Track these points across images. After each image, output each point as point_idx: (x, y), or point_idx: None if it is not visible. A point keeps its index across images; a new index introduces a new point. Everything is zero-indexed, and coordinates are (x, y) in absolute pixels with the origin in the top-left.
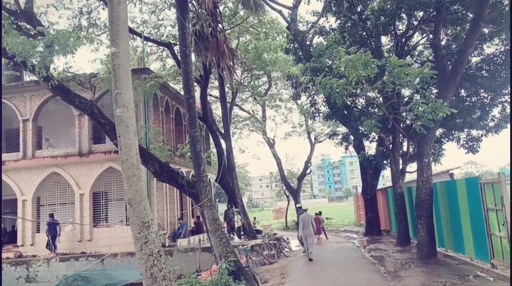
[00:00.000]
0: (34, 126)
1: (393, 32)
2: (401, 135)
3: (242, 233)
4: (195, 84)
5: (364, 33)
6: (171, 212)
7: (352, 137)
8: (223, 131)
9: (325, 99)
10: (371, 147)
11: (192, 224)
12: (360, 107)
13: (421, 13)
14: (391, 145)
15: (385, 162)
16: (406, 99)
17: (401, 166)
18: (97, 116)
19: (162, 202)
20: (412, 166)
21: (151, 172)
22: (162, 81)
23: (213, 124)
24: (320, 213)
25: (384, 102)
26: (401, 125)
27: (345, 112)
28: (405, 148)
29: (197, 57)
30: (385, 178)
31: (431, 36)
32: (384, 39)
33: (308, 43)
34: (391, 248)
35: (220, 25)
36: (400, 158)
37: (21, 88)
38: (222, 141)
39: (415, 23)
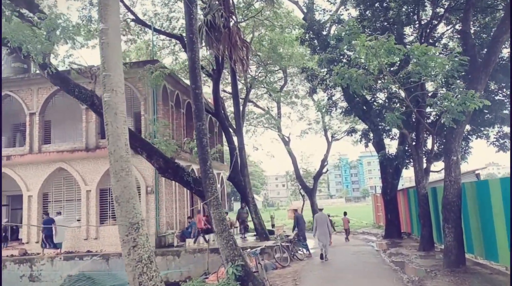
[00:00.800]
0: (41, 120)
1: (416, 22)
2: (425, 132)
3: (255, 234)
4: (207, 78)
5: (386, 22)
6: (180, 210)
7: (371, 134)
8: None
9: (343, 93)
10: (391, 145)
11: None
12: (380, 101)
13: (446, 2)
14: (414, 143)
15: (407, 161)
16: (430, 94)
17: (424, 165)
18: (98, 107)
19: (171, 200)
20: (437, 165)
21: (155, 168)
22: (167, 72)
23: (225, 119)
24: (345, 213)
25: (407, 95)
26: (426, 120)
27: (364, 107)
28: (429, 146)
29: (209, 49)
30: (403, 179)
31: (457, 26)
32: (407, 30)
33: (325, 33)
34: (413, 253)
35: (233, 16)
36: (424, 156)
37: (28, 80)
38: (235, 138)
39: (441, 11)
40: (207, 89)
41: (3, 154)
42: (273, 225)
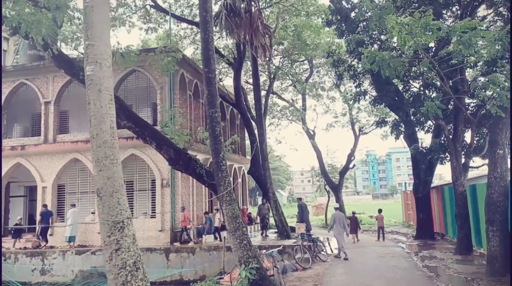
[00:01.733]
0: (56, 109)
1: (455, 3)
2: (464, 123)
3: (276, 231)
4: (228, 67)
5: (421, 3)
6: (198, 205)
7: (403, 126)
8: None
9: (372, 81)
10: (424, 140)
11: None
12: (414, 90)
13: None
14: (451, 135)
15: (442, 155)
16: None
17: (463, 160)
18: None
19: (187, 194)
20: (476, 161)
21: (165, 159)
22: (180, 57)
23: (247, 111)
24: (380, 210)
25: (445, 82)
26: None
27: (396, 98)
28: (467, 139)
29: (228, 35)
30: (435, 176)
31: (500, 9)
32: (445, 13)
33: (353, 15)
34: (448, 256)
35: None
36: (462, 150)
37: (43, 68)
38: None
39: None
40: (229, 81)
41: (18, 144)
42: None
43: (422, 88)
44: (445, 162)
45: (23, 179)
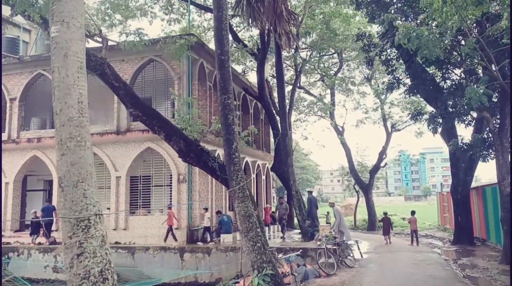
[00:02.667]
0: None
1: None
2: None
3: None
4: (254, 61)
5: None
6: (218, 202)
7: (441, 120)
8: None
9: (406, 68)
10: (463, 136)
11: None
12: (455, 77)
13: None
14: (496, 129)
15: (485, 152)
16: None
17: (510, 158)
18: (110, 77)
19: (206, 190)
20: None
21: (175, 151)
22: (193, 40)
23: (270, 104)
24: (413, 212)
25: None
26: None
27: (431, 87)
28: None
29: (251, 23)
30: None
31: None
32: None
33: None
34: (493, 266)
35: None
36: (510, 146)
37: None
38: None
39: None
40: (254, 77)
41: (34, 136)
42: (329, 224)
43: (463, 75)
44: (488, 160)
45: (43, 173)
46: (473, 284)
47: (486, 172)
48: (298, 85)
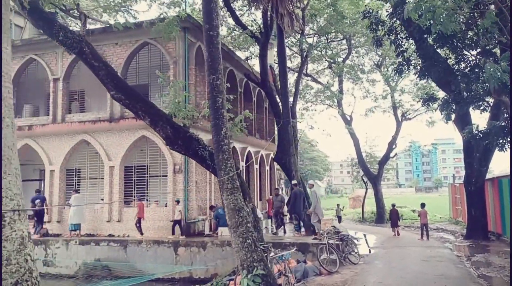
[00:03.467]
0: (65, 86)
1: None
2: None
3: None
4: (254, 41)
5: None
6: (216, 193)
7: (454, 106)
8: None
9: (417, 48)
10: (476, 125)
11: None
12: (470, 59)
13: None
14: None
15: (501, 141)
16: None
17: None
18: (88, 56)
19: (204, 181)
20: None
21: (162, 138)
22: (183, 15)
23: (273, 91)
24: (423, 205)
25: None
26: None
27: (445, 69)
28: None
29: (252, 1)
30: None
31: None
32: None
33: None
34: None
35: None
36: None
37: (52, 42)
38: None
39: None
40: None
41: (25, 124)
42: (339, 217)
43: (479, 57)
44: (506, 149)
45: (37, 162)
46: (489, 285)
47: (498, 163)
48: (305, 72)
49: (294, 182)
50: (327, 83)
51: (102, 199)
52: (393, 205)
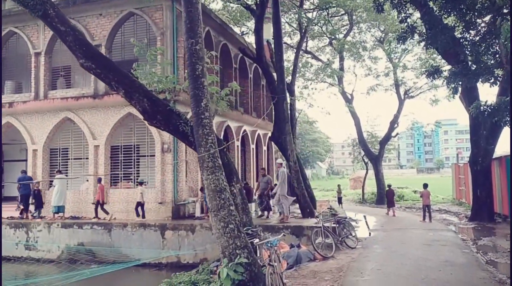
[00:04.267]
0: (47, 61)
1: None
2: None
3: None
4: (250, 15)
5: None
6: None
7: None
8: (288, 75)
9: (422, 14)
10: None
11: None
12: (481, 27)
13: None
14: None
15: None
16: None
17: None
18: (54, 19)
19: (195, 160)
20: None
21: (139, 112)
22: None
23: (270, 67)
24: (426, 185)
25: None
26: None
27: (452, 38)
28: None
29: None
30: None
31: None
32: None
33: None
34: None
35: None
36: None
37: None
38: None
39: None
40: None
41: (7, 101)
42: (339, 199)
43: (492, 25)
44: None
45: (22, 140)
46: (498, 272)
47: (500, 144)
48: (305, 49)
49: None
50: (328, 60)
51: (88, 181)
52: (389, 186)
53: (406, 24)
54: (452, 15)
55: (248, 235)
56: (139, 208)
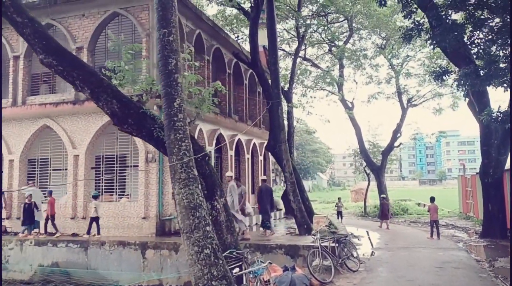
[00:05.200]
0: (26, 65)
1: None
2: None
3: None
4: (244, 18)
5: None
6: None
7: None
8: (286, 82)
9: (425, 13)
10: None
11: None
12: (493, 25)
13: None
14: None
15: None
16: None
17: None
18: (9, 9)
19: None
20: None
21: (108, 116)
22: None
23: (265, 72)
24: (433, 199)
25: None
26: None
27: (461, 37)
28: None
29: None
30: None
31: None
32: None
33: None
34: None
35: None
36: None
37: None
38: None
39: None
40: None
41: None
42: (339, 213)
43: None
44: None
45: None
46: None
47: None
48: (304, 56)
49: (263, 177)
50: (327, 67)
51: (66, 194)
52: (383, 198)
53: (411, 20)
54: (460, 11)
55: (231, 259)
56: (94, 223)
